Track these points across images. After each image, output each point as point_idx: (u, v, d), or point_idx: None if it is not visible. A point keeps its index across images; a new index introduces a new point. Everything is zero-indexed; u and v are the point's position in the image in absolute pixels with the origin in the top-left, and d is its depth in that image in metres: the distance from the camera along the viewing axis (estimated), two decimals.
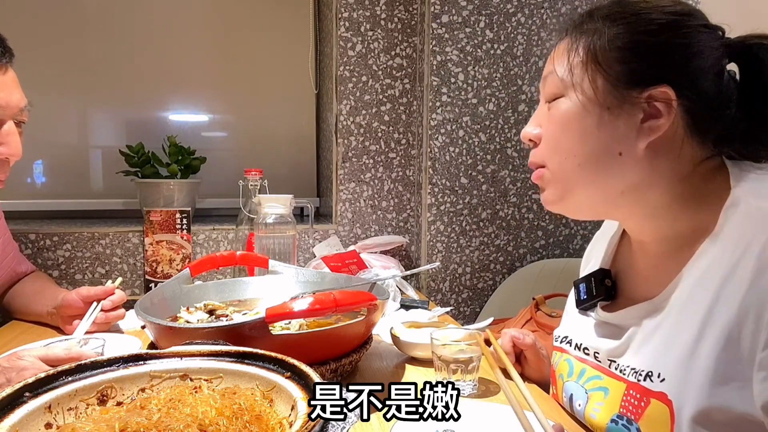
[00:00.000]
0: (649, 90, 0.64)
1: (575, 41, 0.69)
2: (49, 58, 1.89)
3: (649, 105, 0.64)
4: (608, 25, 0.66)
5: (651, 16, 0.65)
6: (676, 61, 0.64)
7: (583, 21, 0.70)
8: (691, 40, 0.64)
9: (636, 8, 0.67)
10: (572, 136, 0.68)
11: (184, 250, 1.63)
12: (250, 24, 2.07)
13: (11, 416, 0.49)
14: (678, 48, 0.64)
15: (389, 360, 1.03)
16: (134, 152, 1.78)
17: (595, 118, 0.66)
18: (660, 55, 0.64)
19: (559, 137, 0.69)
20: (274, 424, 0.52)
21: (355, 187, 1.86)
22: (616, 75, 0.65)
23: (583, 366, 0.79)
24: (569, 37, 0.70)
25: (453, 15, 1.74)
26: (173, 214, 1.62)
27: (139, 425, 0.49)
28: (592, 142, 0.67)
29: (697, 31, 0.65)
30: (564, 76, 0.69)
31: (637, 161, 0.66)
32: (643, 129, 0.65)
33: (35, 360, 0.78)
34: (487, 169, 1.80)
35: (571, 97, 0.68)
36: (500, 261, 1.84)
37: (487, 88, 1.79)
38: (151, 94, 2.03)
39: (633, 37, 0.65)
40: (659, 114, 0.64)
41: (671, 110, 0.64)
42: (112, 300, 1.16)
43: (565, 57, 0.69)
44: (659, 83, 0.63)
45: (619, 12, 0.67)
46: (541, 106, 0.74)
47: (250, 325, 0.76)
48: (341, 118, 1.84)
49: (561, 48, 0.71)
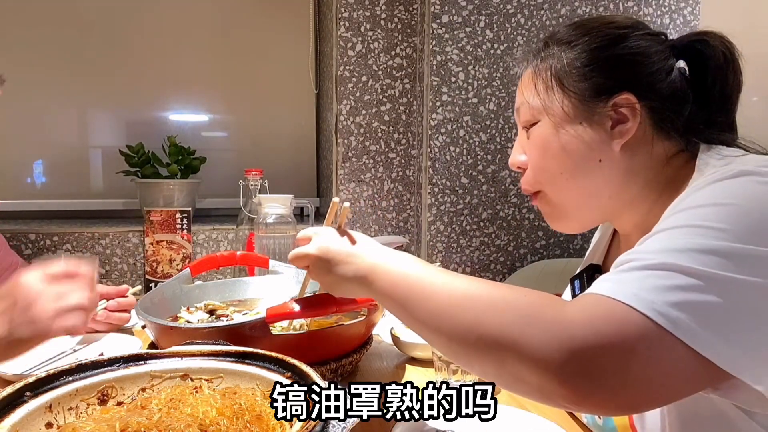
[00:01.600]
0: (613, 99, 0.69)
1: (538, 70, 0.75)
2: (50, 58, 1.88)
3: (615, 112, 0.69)
4: (565, 50, 0.72)
5: (600, 34, 0.72)
6: (631, 69, 0.70)
7: (541, 49, 0.76)
8: (639, 48, 0.70)
9: (586, 29, 0.73)
10: (554, 155, 0.73)
11: (184, 250, 1.63)
12: (250, 24, 2.07)
13: (12, 416, 0.49)
14: (629, 57, 0.70)
15: (389, 360, 1.03)
16: (134, 152, 1.78)
17: (570, 134, 0.71)
18: (616, 67, 0.70)
19: (543, 159, 0.74)
20: (275, 424, 0.52)
21: (355, 187, 1.86)
22: (581, 92, 0.70)
23: None
24: (531, 67, 0.76)
25: (453, 15, 1.75)
26: (173, 214, 1.62)
27: (140, 425, 0.49)
28: (572, 156, 0.71)
29: (643, 39, 0.71)
30: (534, 103, 0.74)
31: (616, 164, 0.71)
32: (614, 134, 0.70)
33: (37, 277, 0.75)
34: (487, 169, 1.80)
35: (545, 120, 0.73)
36: (501, 261, 1.84)
37: (487, 88, 1.79)
38: (151, 94, 2.03)
39: (589, 56, 0.71)
40: (626, 118, 0.69)
41: (636, 113, 0.69)
42: (119, 302, 1.13)
43: (532, 85, 0.75)
44: (620, 91, 0.69)
45: (573, 35, 0.73)
46: (521, 134, 0.79)
47: (251, 325, 0.76)
48: (341, 118, 1.84)
49: (526, 78, 0.77)
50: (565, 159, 0.72)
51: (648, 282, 0.50)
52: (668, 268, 0.50)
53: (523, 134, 0.78)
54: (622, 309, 0.49)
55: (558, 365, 0.48)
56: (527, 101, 0.75)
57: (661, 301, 0.48)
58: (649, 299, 0.48)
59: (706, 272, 0.49)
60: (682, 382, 0.49)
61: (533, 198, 0.80)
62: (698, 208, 0.55)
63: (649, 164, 0.71)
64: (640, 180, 0.71)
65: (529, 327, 0.51)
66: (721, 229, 0.51)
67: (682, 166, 0.70)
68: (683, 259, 0.50)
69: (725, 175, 0.57)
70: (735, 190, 0.55)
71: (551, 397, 0.50)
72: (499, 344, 0.52)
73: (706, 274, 0.49)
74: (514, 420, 0.75)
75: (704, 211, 0.54)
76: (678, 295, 0.48)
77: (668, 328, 0.47)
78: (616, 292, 0.50)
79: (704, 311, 0.48)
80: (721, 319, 0.48)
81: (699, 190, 0.58)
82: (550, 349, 0.49)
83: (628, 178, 0.71)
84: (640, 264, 0.52)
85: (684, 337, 0.47)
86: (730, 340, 0.47)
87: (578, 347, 0.48)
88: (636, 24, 0.73)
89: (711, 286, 0.48)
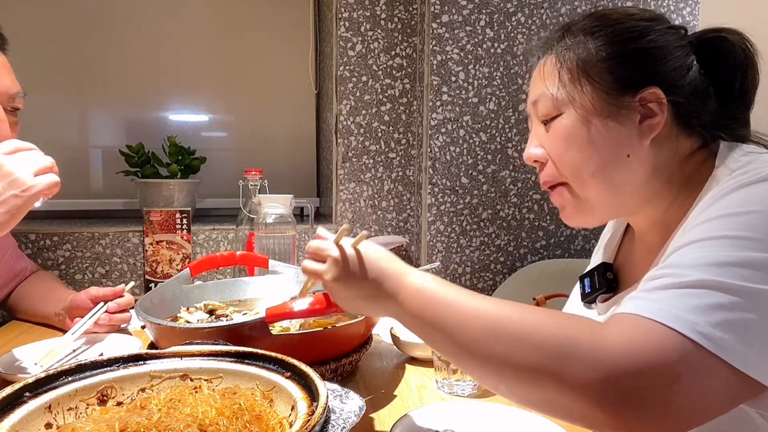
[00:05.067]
0: (641, 93, 0.68)
1: (564, 59, 0.72)
2: (50, 58, 1.89)
3: (642, 106, 0.68)
4: (589, 40, 0.70)
5: (626, 26, 0.70)
6: (656, 63, 0.69)
7: (562, 39, 0.74)
8: (664, 42, 0.69)
9: (609, 20, 0.71)
10: (580, 149, 0.70)
11: (184, 250, 1.63)
12: (250, 24, 2.07)
13: (11, 416, 0.49)
14: (655, 51, 0.69)
15: (389, 360, 1.03)
16: (134, 152, 1.78)
17: (597, 127, 0.69)
18: (642, 60, 0.69)
19: (567, 153, 0.72)
20: (275, 424, 0.52)
21: (355, 187, 1.86)
22: (608, 84, 0.69)
23: None
24: (554, 55, 0.73)
25: (453, 14, 1.74)
26: (173, 214, 1.62)
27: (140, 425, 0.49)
28: (600, 150, 0.70)
29: (667, 33, 0.71)
30: (558, 94, 0.71)
31: (644, 159, 0.69)
32: (642, 129, 0.69)
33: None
34: (487, 169, 1.80)
35: (570, 113, 0.71)
36: (501, 261, 1.84)
37: (487, 87, 1.79)
38: (151, 94, 2.03)
39: (615, 48, 0.69)
40: (653, 113, 0.68)
41: (663, 108, 0.68)
42: (118, 302, 1.14)
43: (555, 75, 0.72)
44: (648, 85, 0.68)
45: (596, 26, 0.71)
46: (536, 127, 0.76)
47: (250, 325, 0.76)
48: (341, 118, 1.84)
49: (548, 67, 0.74)
50: (593, 152, 0.70)
51: (687, 301, 0.49)
52: (706, 286, 0.49)
53: (540, 127, 0.75)
54: (662, 331, 0.48)
55: (600, 394, 0.47)
56: (549, 92, 0.72)
57: (704, 321, 0.47)
58: (691, 320, 0.47)
59: (745, 288, 0.48)
60: (724, 401, 0.49)
61: (552, 192, 0.77)
62: (729, 217, 0.53)
63: (673, 160, 0.70)
64: (663, 176, 0.70)
65: (567, 357, 0.49)
66: (755, 239, 0.50)
67: (701, 163, 0.70)
68: (720, 275, 0.49)
69: (752, 179, 0.56)
70: (764, 196, 0.54)
71: (594, 424, 0.49)
72: (538, 375, 0.51)
73: (745, 289, 0.48)
74: (514, 420, 0.74)
75: (735, 220, 0.53)
76: (719, 315, 0.47)
77: (711, 350, 0.46)
78: (655, 313, 0.49)
79: (746, 329, 0.47)
80: (763, 335, 0.47)
81: (726, 195, 0.56)
82: (591, 379, 0.48)
83: (653, 173, 0.70)
84: (677, 281, 0.50)
85: (728, 357, 0.46)
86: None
87: (619, 374, 0.47)
88: (659, 17, 0.72)
89: (751, 301, 0.48)
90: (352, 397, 0.55)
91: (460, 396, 0.86)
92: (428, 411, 0.76)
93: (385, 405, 0.82)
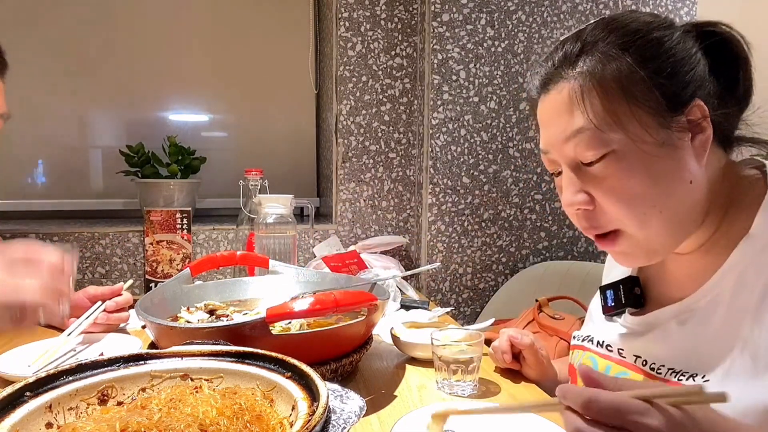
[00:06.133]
0: (688, 108, 0.62)
1: (591, 85, 0.62)
2: (50, 58, 1.89)
3: (690, 123, 0.62)
4: (623, 56, 0.62)
5: (654, 36, 0.63)
6: (691, 73, 0.63)
7: (578, 61, 0.64)
8: (686, 48, 0.64)
9: (631, 30, 0.63)
10: (643, 188, 0.62)
11: (184, 250, 1.63)
12: (250, 24, 2.07)
13: (12, 416, 0.49)
14: (686, 60, 0.63)
15: (389, 360, 1.03)
16: (134, 152, 1.78)
17: (658, 158, 0.62)
18: (682, 72, 0.62)
19: (626, 195, 0.62)
20: (275, 424, 0.52)
21: (355, 187, 1.86)
22: (656, 105, 0.61)
23: (608, 363, 0.79)
24: (576, 82, 0.63)
25: (453, 13, 1.74)
26: (173, 214, 1.62)
27: (140, 425, 0.49)
28: (665, 184, 0.62)
29: (684, 39, 0.65)
30: (603, 126, 0.62)
31: (702, 181, 0.64)
32: (696, 148, 0.63)
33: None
34: (489, 168, 1.80)
35: (622, 148, 0.62)
36: (502, 262, 1.84)
37: (488, 86, 1.78)
38: (151, 94, 2.03)
39: (656, 63, 0.62)
40: (702, 128, 0.63)
41: (708, 121, 0.63)
42: (116, 301, 1.14)
43: (589, 105, 0.62)
44: (692, 99, 0.62)
45: (625, 40, 0.63)
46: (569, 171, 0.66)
47: (251, 325, 0.76)
48: (341, 118, 1.84)
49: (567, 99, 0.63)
50: (657, 188, 0.62)
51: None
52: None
53: (575, 171, 0.66)
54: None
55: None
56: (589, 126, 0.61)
57: None
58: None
59: None
60: None
61: (604, 240, 0.67)
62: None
63: (717, 176, 0.66)
64: (713, 195, 0.66)
65: None
66: None
67: (736, 174, 0.67)
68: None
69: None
70: None
71: None
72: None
73: None
74: (514, 420, 0.74)
75: None
76: None
77: None
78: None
79: None
80: None
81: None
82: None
83: (707, 195, 0.65)
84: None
85: None
86: None
87: None
88: (669, 20, 0.66)
89: None
90: (353, 398, 0.55)
91: (460, 396, 0.86)
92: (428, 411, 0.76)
93: (386, 405, 0.82)
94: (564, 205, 0.68)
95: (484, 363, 0.97)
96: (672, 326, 0.70)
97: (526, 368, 0.95)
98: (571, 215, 0.69)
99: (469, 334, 0.92)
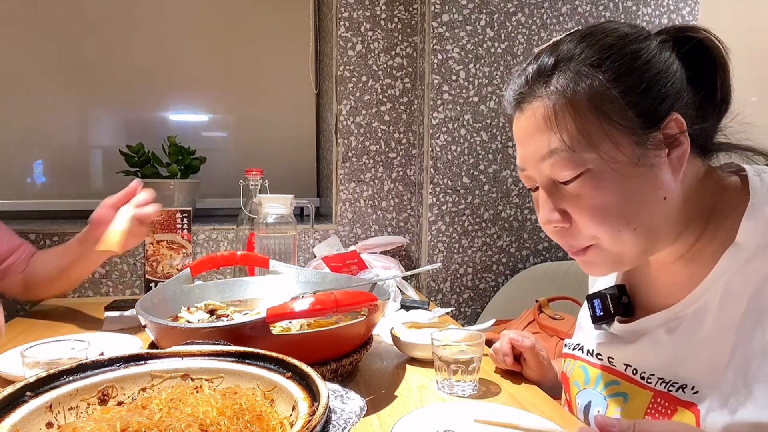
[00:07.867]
0: (664, 123, 0.61)
1: (565, 104, 0.62)
2: (50, 58, 1.88)
3: (665, 137, 0.62)
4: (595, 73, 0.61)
5: (628, 50, 0.62)
6: (670, 86, 0.62)
7: (551, 78, 0.63)
8: (662, 60, 0.63)
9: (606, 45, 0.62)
10: (618, 205, 0.62)
11: (184, 250, 1.63)
12: (250, 24, 2.07)
13: (12, 415, 0.49)
14: (662, 73, 0.62)
15: (389, 360, 1.03)
16: (134, 152, 1.78)
17: (632, 176, 0.61)
18: (658, 86, 0.61)
19: (600, 212, 0.63)
20: (275, 424, 0.52)
21: (355, 187, 1.86)
22: (630, 124, 0.60)
23: (598, 372, 0.79)
24: (550, 100, 0.62)
25: (453, 14, 1.75)
26: (173, 213, 1.62)
27: (140, 425, 0.49)
28: (639, 202, 0.62)
29: (660, 49, 0.64)
30: (576, 147, 0.61)
31: (676, 196, 0.64)
32: (672, 163, 0.63)
33: None
34: (489, 168, 1.80)
35: (596, 168, 0.61)
36: (503, 262, 1.84)
37: (488, 86, 1.79)
38: (151, 94, 2.03)
39: (630, 78, 0.61)
40: (679, 142, 0.62)
41: (686, 135, 0.62)
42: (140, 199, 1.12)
43: (564, 125, 0.61)
44: (668, 114, 0.61)
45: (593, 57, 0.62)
46: (544, 190, 0.67)
47: (251, 325, 0.76)
48: (341, 118, 1.84)
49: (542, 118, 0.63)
50: (628, 206, 0.62)
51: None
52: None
53: (551, 189, 0.66)
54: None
55: None
56: (562, 147, 0.61)
57: None
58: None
59: None
60: None
61: (578, 253, 0.68)
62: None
63: (695, 185, 0.66)
64: (691, 207, 0.66)
65: None
66: None
67: (716, 182, 0.66)
68: None
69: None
70: None
71: None
72: None
73: None
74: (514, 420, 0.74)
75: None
76: None
77: None
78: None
79: None
80: None
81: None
82: None
83: (683, 207, 0.65)
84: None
85: None
86: None
87: None
88: (644, 30, 0.65)
89: None
90: (353, 398, 0.55)
91: (461, 396, 0.86)
92: (428, 411, 0.76)
93: (386, 405, 0.82)
94: (540, 222, 0.69)
95: (484, 363, 0.98)
96: (661, 334, 0.70)
97: (527, 370, 0.95)
98: (548, 232, 0.69)
99: (470, 334, 0.92)
